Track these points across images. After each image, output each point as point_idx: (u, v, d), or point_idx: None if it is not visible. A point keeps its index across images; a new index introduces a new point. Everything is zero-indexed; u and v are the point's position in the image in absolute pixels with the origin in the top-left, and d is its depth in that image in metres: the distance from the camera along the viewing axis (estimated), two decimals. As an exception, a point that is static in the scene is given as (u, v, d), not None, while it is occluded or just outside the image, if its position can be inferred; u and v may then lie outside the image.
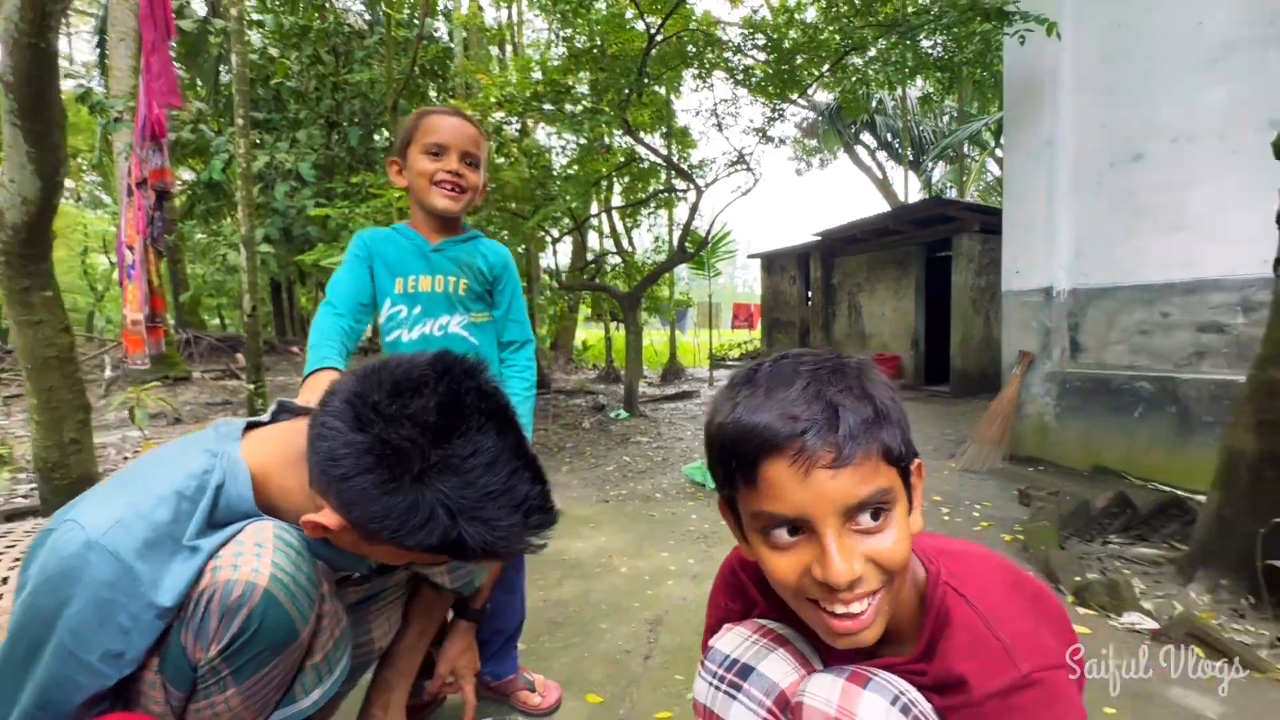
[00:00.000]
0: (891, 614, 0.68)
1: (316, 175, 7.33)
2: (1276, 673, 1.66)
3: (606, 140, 8.78)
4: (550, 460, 4.68)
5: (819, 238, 10.36)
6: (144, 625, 0.67)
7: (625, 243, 12.47)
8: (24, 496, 3.42)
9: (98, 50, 11.50)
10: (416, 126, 1.41)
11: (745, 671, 0.75)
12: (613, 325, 11.90)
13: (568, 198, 5.84)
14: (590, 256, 10.59)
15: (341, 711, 1.10)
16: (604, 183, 8.75)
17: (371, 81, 8.14)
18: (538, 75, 6.01)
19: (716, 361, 14.13)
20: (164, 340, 5.59)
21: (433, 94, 8.93)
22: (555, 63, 6.08)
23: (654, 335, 15.55)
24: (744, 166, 6.82)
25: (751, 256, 13.22)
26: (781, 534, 0.63)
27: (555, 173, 6.91)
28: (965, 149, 13.43)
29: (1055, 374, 4.06)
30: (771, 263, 12.34)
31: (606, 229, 12.79)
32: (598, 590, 2.25)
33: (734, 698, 0.74)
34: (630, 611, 2.08)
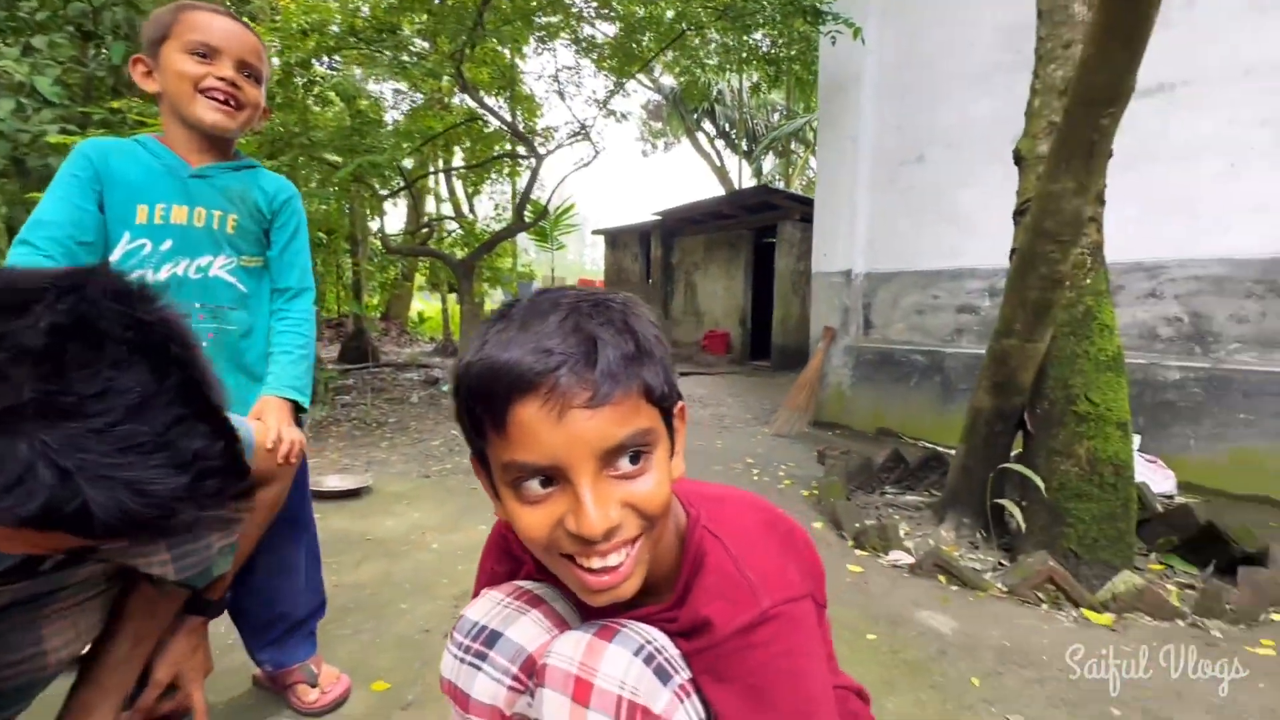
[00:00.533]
0: (652, 562, 0.65)
1: (64, 95, 5.91)
2: (994, 590, 2.00)
3: (444, 96, 8.17)
4: (369, 436, 4.30)
5: (659, 217, 10.64)
6: None
7: (466, 209, 11.82)
8: None
9: None
10: (175, 20, 1.14)
11: (492, 638, 0.68)
12: (451, 296, 11.27)
13: (392, 151, 5.31)
14: (425, 220, 9.87)
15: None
16: (443, 143, 8.16)
17: (142, -12, 6.73)
18: (366, 12, 5.37)
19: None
20: None
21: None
22: (381, -1, 5.46)
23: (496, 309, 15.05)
24: (585, 138, 6.73)
25: (596, 232, 13.24)
26: (533, 485, 0.56)
27: (384, 124, 6.27)
28: (792, 144, 14.56)
29: (852, 348, 4.56)
30: (615, 239, 12.47)
31: (446, 193, 12.02)
32: (401, 570, 2.09)
33: (478, 668, 0.67)
34: (436, 589, 1.95)
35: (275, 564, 1.29)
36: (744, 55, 5.86)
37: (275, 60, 4.23)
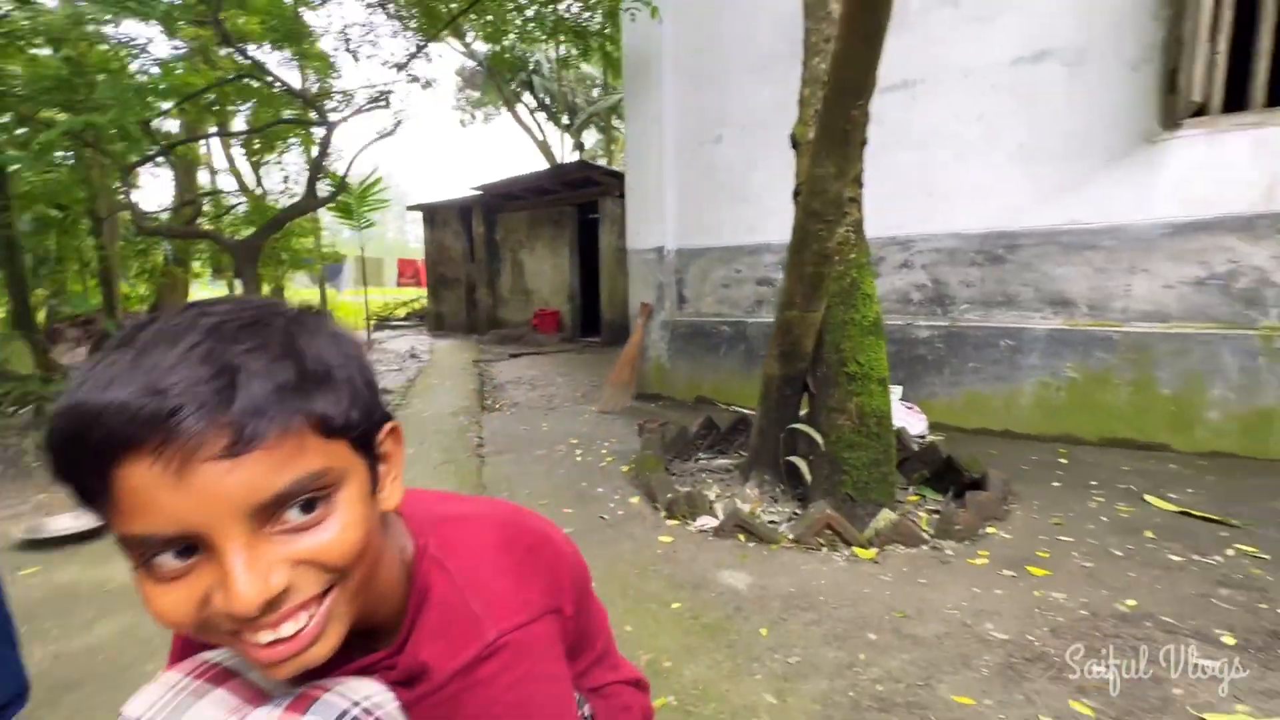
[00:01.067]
0: (374, 604, 0.56)
1: None
2: (784, 541, 2.20)
3: (206, 48, 6.91)
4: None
5: (480, 192, 10.17)
6: None
7: (252, 182, 10.27)
8: None
9: None
10: None
11: None
12: (238, 284, 9.79)
13: (131, 108, 4.35)
14: (194, 195, 8.40)
15: None
16: (213, 104, 6.92)
17: None
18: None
19: (380, 322, 12.98)
20: None
21: None
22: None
23: (302, 295, 13.40)
24: (384, 105, 6.14)
25: (412, 208, 12.31)
26: (166, 560, 0.44)
27: (121, 74, 5.10)
28: (613, 120, 14.69)
29: (668, 322, 4.74)
30: (434, 216, 11.70)
31: (223, 163, 10.33)
32: (148, 622, 1.75)
33: None
34: (198, 635, 1.66)
35: None
36: (549, 25, 5.70)
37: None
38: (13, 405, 4.24)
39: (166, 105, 5.68)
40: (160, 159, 6.78)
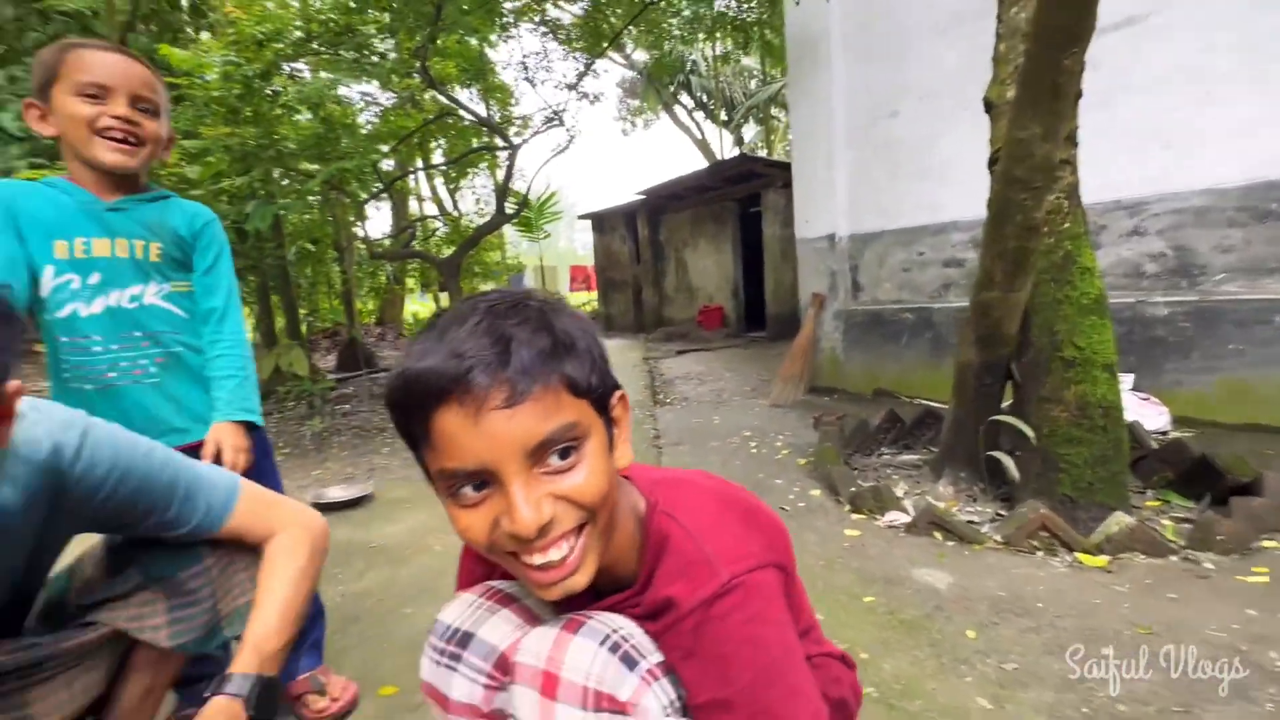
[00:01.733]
0: (610, 551, 0.66)
1: (26, 129, 5.86)
2: (989, 542, 2.01)
3: (415, 94, 8.06)
4: (370, 443, 4.33)
5: (643, 196, 10.55)
6: None
7: (450, 206, 11.74)
8: None
9: None
10: (60, 61, 1.12)
11: (465, 639, 0.70)
12: (444, 295, 11.24)
13: (366, 154, 5.25)
14: (406, 222, 9.80)
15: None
16: (418, 141, 8.07)
17: (94, 11, 6.62)
18: (321, 8, 5.27)
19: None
20: None
21: (187, 30, 7.49)
22: (334, -1, 5.36)
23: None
24: (559, 123, 6.65)
25: (582, 217, 13.14)
26: (468, 491, 0.57)
27: (359, 128, 6.18)
28: (772, 110, 14.37)
29: (842, 312, 4.54)
30: (601, 222, 12.38)
31: (427, 192, 11.93)
32: (405, 574, 2.11)
33: (454, 669, 0.69)
34: (440, 590, 1.97)
35: None
36: (709, 24, 5.76)
37: (249, 70, 4.15)
38: (293, 401, 5.31)
39: (386, 148, 6.72)
40: (383, 194, 8.02)
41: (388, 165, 10.10)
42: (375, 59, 4.81)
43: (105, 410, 1.09)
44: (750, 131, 16.52)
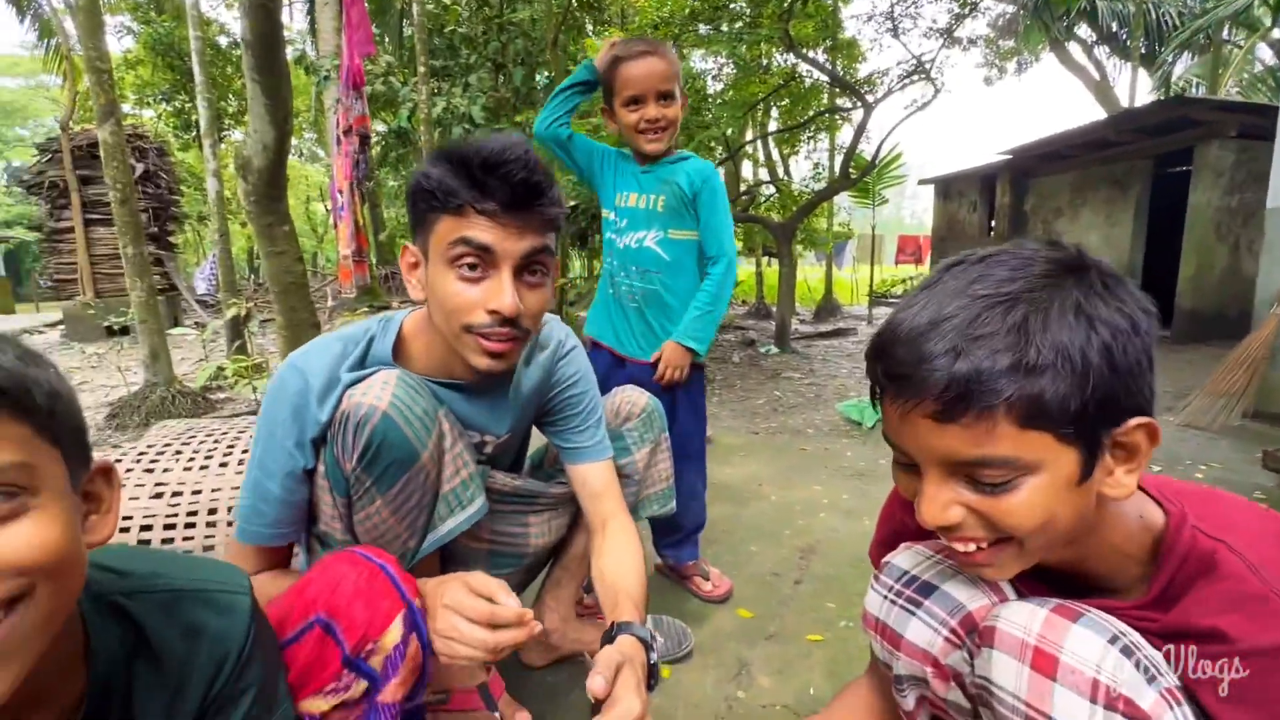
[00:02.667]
0: (1103, 553, 0.62)
1: (486, 117, 7.78)
2: None
3: (765, 60, 8.23)
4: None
5: (1009, 156, 9.00)
6: (313, 428, 0.89)
7: (781, 171, 11.83)
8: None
9: (308, 18, 13.01)
10: (614, 78, 1.52)
11: (926, 589, 0.72)
12: (764, 260, 11.51)
13: (722, 123, 5.61)
14: (744, 187, 10.21)
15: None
16: (760, 107, 8.27)
17: (532, 19, 8.33)
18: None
19: (877, 298, 13.20)
20: (368, 273, 6.43)
21: (589, 26, 8.93)
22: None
23: (808, 271, 14.81)
24: (923, 76, 6.03)
25: (923, 182, 11.88)
26: (901, 461, 0.63)
27: (709, 97, 6.63)
28: (1226, 32, 10.63)
29: (1335, 313, 3.22)
30: (948, 188, 11.01)
31: (762, 157, 12.20)
32: (746, 515, 2.29)
33: (911, 614, 0.72)
34: (780, 538, 2.09)
35: (684, 489, 1.57)
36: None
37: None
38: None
39: (740, 115, 7.04)
40: (728, 161, 8.47)
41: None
42: (747, 28, 5.01)
43: (615, 314, 1.65)
44: (1181, 66, 12.57)
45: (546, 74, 8.27)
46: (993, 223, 9.91)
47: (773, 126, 10.53)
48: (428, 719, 1.07)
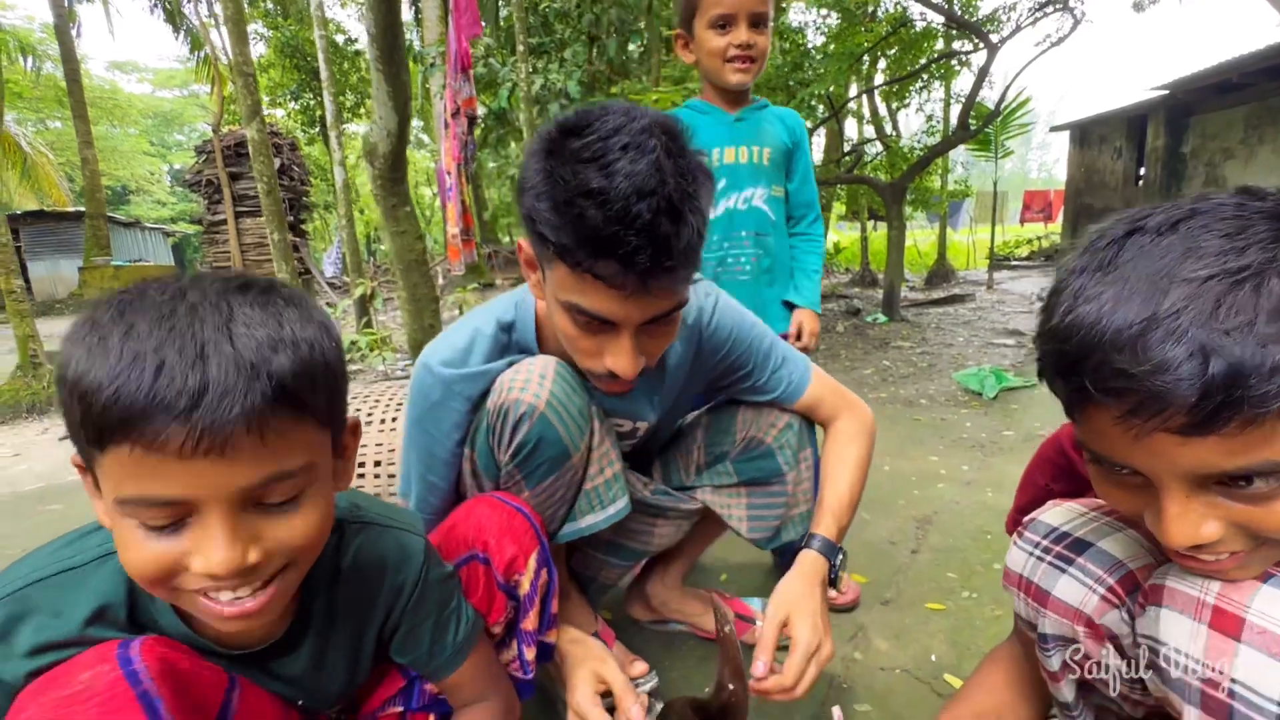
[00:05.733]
0: None
1: (581, 91, 7.87)
2: None
3: (870, 7, 7.67)
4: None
5: (1164, 91, 7.87)
6: (460, 415, 0.91)
7: (889, 128, 11.07)
8: (400, 370, 4.60)
9: (412, 8, 13.67)
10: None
11: (1080, 546, 0.67)
12: (870, 225, 10.91)
13: (825, 78, 5.31)
14: (848, 146, 9.67)
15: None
16: (865, 59, 7.74)
17: (630, -13, 8.24)
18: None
19: (998, 261, 12.16)
20: (475, 251, 6.77)
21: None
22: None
23: (918, 235, 13.84)
24: (1060, 6, 5.38)
25: (1056, 129, 10.71)
26: (1117, 470, 0.53)
27: (810, 52, 6.29)
28: None
29: None
30: (1086, 133, 9.85)
31: (867, 113, 11.47)
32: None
33: (1062, 570, 0.67)
34: (895, 508, 2.01)
35: None
36: None
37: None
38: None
39: (845, 68, 6.62)
40: (831, 119, 8.04)
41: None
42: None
43: None
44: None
45: (641, 41, 8.20)
46: (1142, 170, 8.78)
47: (879, 80, 9.82)
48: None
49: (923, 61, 7.17)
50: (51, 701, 0.47)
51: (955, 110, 7.13)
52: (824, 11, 7.88)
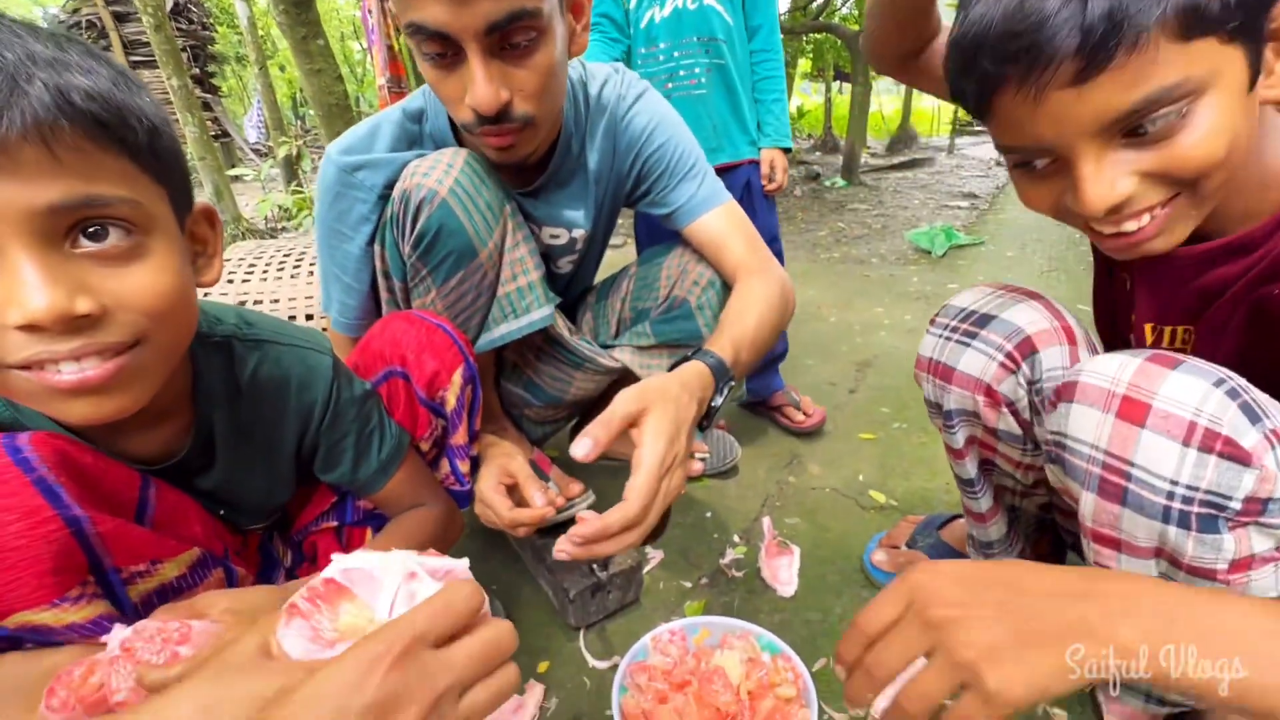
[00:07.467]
0: (1218, 206, 0.54)
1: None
2: None
3: None
4: (758, 225, 4.55)
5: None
6: (367, 206, 0.87)
7: (861, -26, 10.20)
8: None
9: None
10: None
11: (984, 320, 0.70)
12: (835, 87, 10.38)
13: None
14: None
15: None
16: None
17: None
18: None
19: (961, 127, 11.92)
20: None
21: None
22: None
23: (884, 99, 13.31)
24: None
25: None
26: (1034, 165, 0.55)
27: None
28: None
29: None
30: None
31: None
32: (803, 334, 2.26)
33: (966, 345, 0.70)
34: (837, 354, 2.06)
35: None
36: None
37: None
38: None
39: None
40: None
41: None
42: None
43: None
44: None
45: None
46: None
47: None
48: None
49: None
50: None
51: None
52: None
